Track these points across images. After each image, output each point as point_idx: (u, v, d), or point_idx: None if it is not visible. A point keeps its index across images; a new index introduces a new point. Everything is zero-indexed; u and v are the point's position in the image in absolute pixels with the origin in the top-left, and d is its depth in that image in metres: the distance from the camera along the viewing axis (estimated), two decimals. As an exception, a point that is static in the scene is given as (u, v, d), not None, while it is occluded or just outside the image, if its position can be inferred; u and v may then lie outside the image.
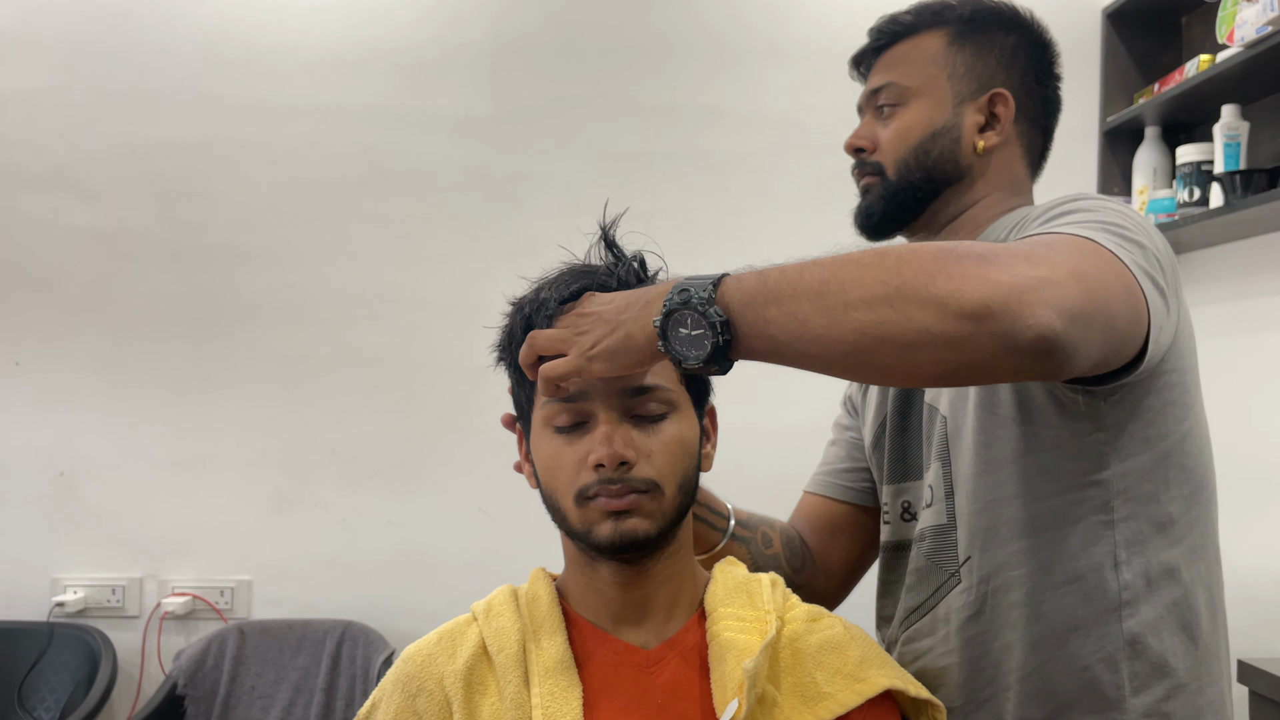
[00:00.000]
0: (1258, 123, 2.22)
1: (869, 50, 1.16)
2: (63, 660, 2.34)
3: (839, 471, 1.27)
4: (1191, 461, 0.98)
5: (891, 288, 0.72)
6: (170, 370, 2.46)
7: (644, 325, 0.80)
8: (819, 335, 0.74)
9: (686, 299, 0.77)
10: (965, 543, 1.01)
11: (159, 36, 2.46)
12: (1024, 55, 1.12)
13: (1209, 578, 1.00)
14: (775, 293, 0.76)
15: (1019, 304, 0.70)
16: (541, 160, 2.53)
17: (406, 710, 0.88)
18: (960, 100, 1.09)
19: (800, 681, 0.88)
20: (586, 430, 0.86)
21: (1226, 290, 2.41)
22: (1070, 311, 0.72)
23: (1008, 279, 0.71)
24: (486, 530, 2.49)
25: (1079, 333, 0.73)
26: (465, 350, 2.46)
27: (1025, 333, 0.70)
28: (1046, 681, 0.96)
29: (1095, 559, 0.95)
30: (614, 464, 0.83)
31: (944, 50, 1.10)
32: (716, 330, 0.76)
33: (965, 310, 0.70)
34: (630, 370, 0.83)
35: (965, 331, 0.70)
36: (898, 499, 1.14)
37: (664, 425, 0.87)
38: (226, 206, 2.48)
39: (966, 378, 0.75)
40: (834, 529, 1.25)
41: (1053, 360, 0.72)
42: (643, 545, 0.86)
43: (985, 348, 0.70)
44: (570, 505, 0.86)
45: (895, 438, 1.13)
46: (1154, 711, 0.95)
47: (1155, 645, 0.95)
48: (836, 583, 1.24)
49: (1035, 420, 0.96)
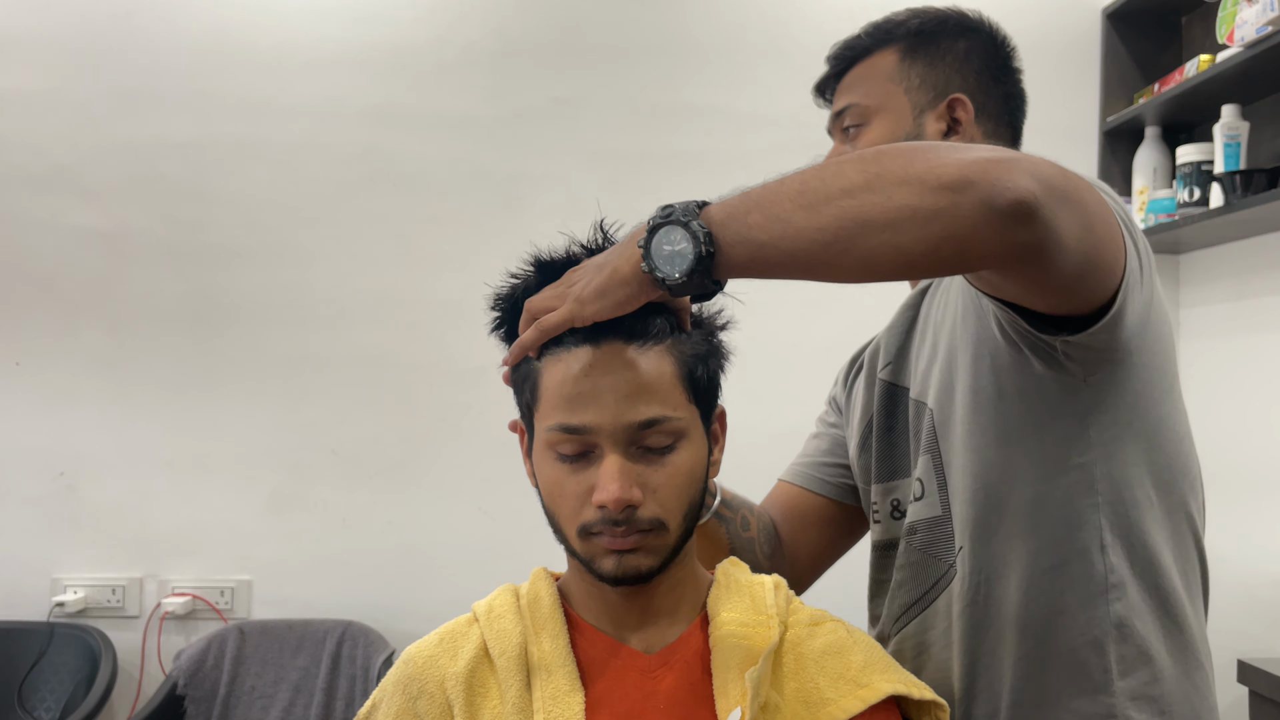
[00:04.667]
0: (1258, 123, 2.22)
1: (829, 76, 1.19)
2: (63, 660, 2.34)
3: (819, 465, 1.28)
4: (1171, 447, 0.99)
5: (870, 174, 0.74)
6: (170, 370, 2.46)
7: (629, 257, 0.80)
8: (800, 229, 0.75)
9: (669, 214, 0.78)
10: (959, 533, 1.02)
11: (159, 36, 2.46)
12: (977, 56, 1.14)
13: (1189, 565, 1.01)
14: (757, 201, 0.78)
15: (996, 172, 0.71)
16: (541, 160, 2.53)
17: (407, 712, 0.87)
18: (920, 110, 1.12)
19: (803, 687, 0.88)
20: (590, 462, 0.84)
21: (1226, 290, 2.41)
22: (1047, 182, 0.73)
23: (985, 155, 0.73)
24: (486, 530, 2.49)
25: (1057, 206, 0.74)
26: (465, 350, 2.48)
27: (1004, 194, 0.71)
28: (1037, 666, 0.97)
29: (1082, 543, 0.96)
30: (619, 508, 0.81)
31: (898, 66, 1.13)
32: (699, 240, 0.77)
33: (944, 182, 0.71)
34: (623, 310, 0.82)
35: (945, 203, 0.71)
36: (887, 497, 1.14)
37: (672, 457, 0.84)
38: (226, 206, 2.48)
39: (949, 256, 0.75)
40: (805, 521, 1.25)
41: (1032, 229, 0.72)
42: (646, 578, 0.86)
43: (966, 217, 0.71)
44: (573, 534, 0.86)
45: (883, 437, 1.14)
46: (1140, 694, 0.96)
47: (1141, 629, 0.96)
48: (800, 573, 1.24)
49: (1019, 406, 0.96)
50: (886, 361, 1.14)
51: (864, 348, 1.25)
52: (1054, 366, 0.92)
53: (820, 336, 2.03)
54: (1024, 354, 0.93)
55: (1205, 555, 1.04)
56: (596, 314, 0.82)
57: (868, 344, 1.24)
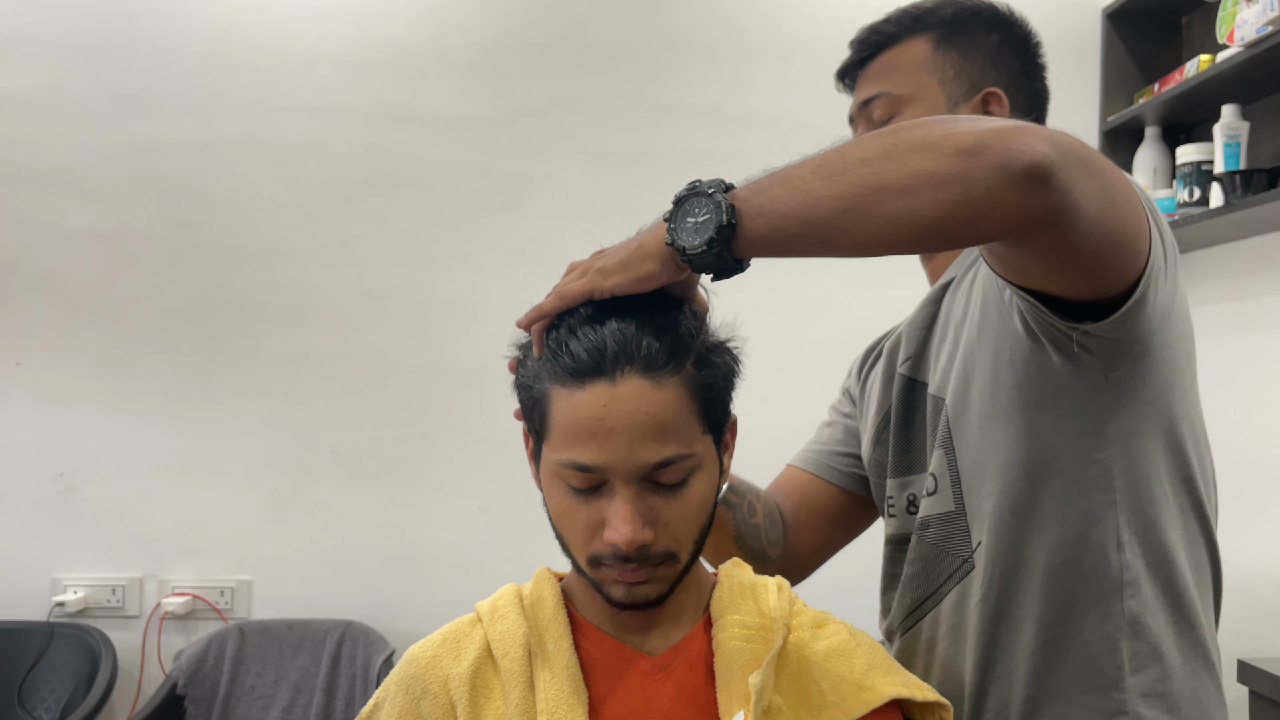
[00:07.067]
0: (1258, 123, 2.22)
1: (854, 62, 1.16)
2: (63, 660, 2.34)
3: (832, 454, 1.26)
4: (1190, 446, 0.99)
5: (888, 144, 0.76)
6: (170, 370, 2.46)
7: (655, 233, 0.82)
8: (819, 197, 0.76)
9: (695, 187, 0.80)
10: (976, 528, 1.01)
11: (159, 36, 2.46)
12: (1009, 51, 1.13)
13: (1201, 564, 1.01)
14: (779, 177, 0.80)
15: (1012, 137, 0.72)
16: (541, 160, 2.53)
17: (410, 712, 0.87)
18: (954, 103, 1.10)
19: (806, 690, 0.87)
20: (601, 494, 0.81)
21: (1226, 290, 2.41)
22: (1063, 147, 0.74)
23: (1001, 124, 0.74)
24: (486, 530, 2.49)
25: (1075, 172, 0.74)
26: (465, 350, 2.48)
27: (1019, 157, 0.71)
28: (1050, 660, 0.97)
29: (1098, 539, 0.96)
30: (632, 550, 0.80)
31: (930, 55, 1.11)
32: (721, 210, 0.78)
33: (960, 147, 0.73)
34: (643, 286, 0.82)
35: (960, 166, 0.72)
36: (903, 492, 1.13)
37: (685, 491, 0.82)
38: (226, 206, 2.48)
39: (964, 218, 0.75)
40: (814, 509, 1.24)
41: (1048, 191, 0.73)
42: (656, 604, 0.86)
43: (981, 179, 0.72)
44: (582, 560, 0.85)
45: (900, 431, 1.13)
46: (1151, 691, 0.96)
47: (1154, 626, 0.96)
48: (800, 561, 1.24)
49: (1039, 401, 0.96)
50: (907, 356, 1.13)
51: (881, 339, 1.24)
52: (1074, 360, 0.92)
53: (820, 337, 2.03)
54: (1045, 348, 0.93)
55: (1219, 556, 1.04)
56: (616, 287, 0.82)
57: (885, 335, 1.23)
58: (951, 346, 1.06)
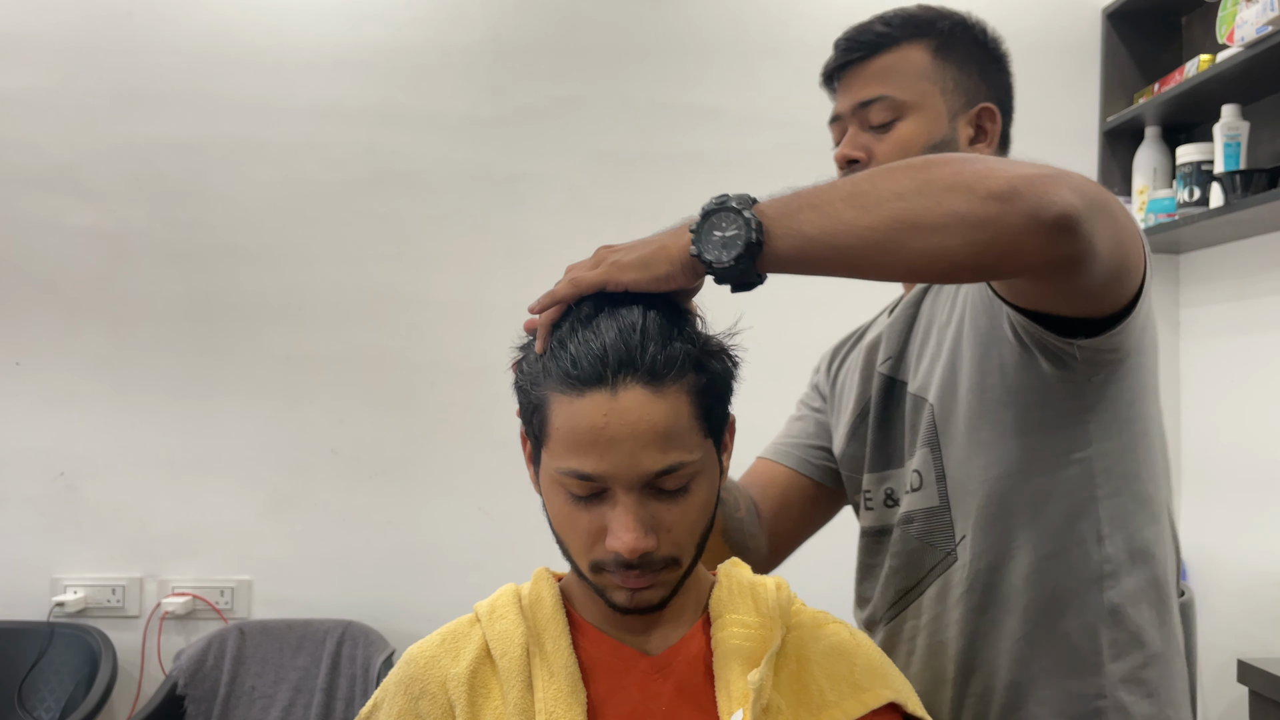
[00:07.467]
0: (1258, 123, 2.22)
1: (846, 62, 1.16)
2: (63, 660, 2.34)
3: (804, 446, 1.29)
4: (1159, 444, 1.05)
5: (921, 179, 0.78)
6: (170, 370, 2.45)
7: (679, 238, 0.82)
8: (850, 225, 0.78)
9: (724, 201, 0.81)
10: (960, 522, 1.05)
11: (159, 36, 2.46)
12: (993, 71, 1.16)
13: (1169, 558, 1.06)
14: (808, 199, 0.81)
15: (1043, 185, 0.76)
16: (541, 160, 2.53)
17: (409, 713, 0.87)
18: (953, 115, 1.12)
19: (805, 689, 0.88)
20: (602, 500, 0.81)
21: (1226, 290, 2.41)
22: (1088, 197, 0.78)
23: (1030, 170, 0.78)
24: (486, 530, 2.49)
25: (1097, 219, 0.79)
26: (465, 350, 2.48)
27: (1050, 208, 0.75)
28: (1033, 648, 1.02)
29: (1080, 533, 1.01)
30: (634, 557, 0.80)
31: (931, 64, 1.12)
32: (750, 227, 0.79)
33: (993, 192, 0.76)
34: (658, 287, 0.82)
35: (993, 211, 0.76)
36: (880, 485, 1.17)
37: (686, 496, 0.82)
38: (226, 206, 2.48)
39: (992, 261, 0.79)
40: (788, 499, 1.27)
41: (1074, 240, 0.77)
42: (658, 608, 0.86)
43: (1013, 225, 0.76)
44: (584, 566, 0.85)
45: (878, 428, 1.16)
46: (1131, 678, 1.01)
47: (1134, 616, 1.01)
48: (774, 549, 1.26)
49: (1023, 404, 1.00)
50: (887, 356, 1.16)
51: (848, 336, 1.29)
52: (1062, 367, 0.96)
53: (820, 337, 2.03)
54: (1034, 355, 0.97)
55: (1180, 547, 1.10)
56: (633, 283, 0.82)
57: (852, 333, 1.28)
58: (935, 348, 1.10)
